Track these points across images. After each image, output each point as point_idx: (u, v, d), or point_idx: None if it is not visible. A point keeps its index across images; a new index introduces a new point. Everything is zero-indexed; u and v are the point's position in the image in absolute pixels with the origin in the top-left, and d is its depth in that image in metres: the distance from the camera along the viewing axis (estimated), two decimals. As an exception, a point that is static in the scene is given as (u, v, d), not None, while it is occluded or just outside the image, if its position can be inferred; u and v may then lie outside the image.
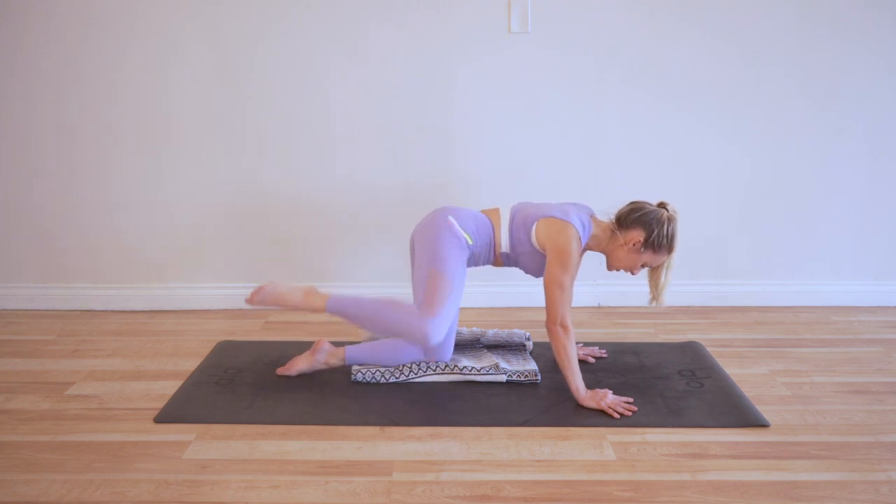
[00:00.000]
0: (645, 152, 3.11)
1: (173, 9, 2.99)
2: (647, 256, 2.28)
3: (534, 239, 2.32)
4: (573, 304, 2.80)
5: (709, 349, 2.68)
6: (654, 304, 2.33)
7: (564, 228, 2.26)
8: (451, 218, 2.34)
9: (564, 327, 2.22)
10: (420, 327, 2.19)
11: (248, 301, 2.30)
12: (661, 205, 2.29)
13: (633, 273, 2.34)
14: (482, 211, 2.46)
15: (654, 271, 2.32)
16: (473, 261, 2.39)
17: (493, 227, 2.39)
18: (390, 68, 3.04)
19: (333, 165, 3.12)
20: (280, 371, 2.45)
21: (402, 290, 3.14)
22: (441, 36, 3.01)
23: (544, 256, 2.32)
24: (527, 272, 2.43)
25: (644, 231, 2.24)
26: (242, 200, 3.14)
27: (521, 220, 2.36)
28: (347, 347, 2.45)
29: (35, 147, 3.09)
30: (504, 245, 2.39)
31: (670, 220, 2.24)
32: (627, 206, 2.32)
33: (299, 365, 2.42)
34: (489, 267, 2.54)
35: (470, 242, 2.33)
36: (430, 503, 1.74)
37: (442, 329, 2.21)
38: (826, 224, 3.19)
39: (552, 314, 2.22)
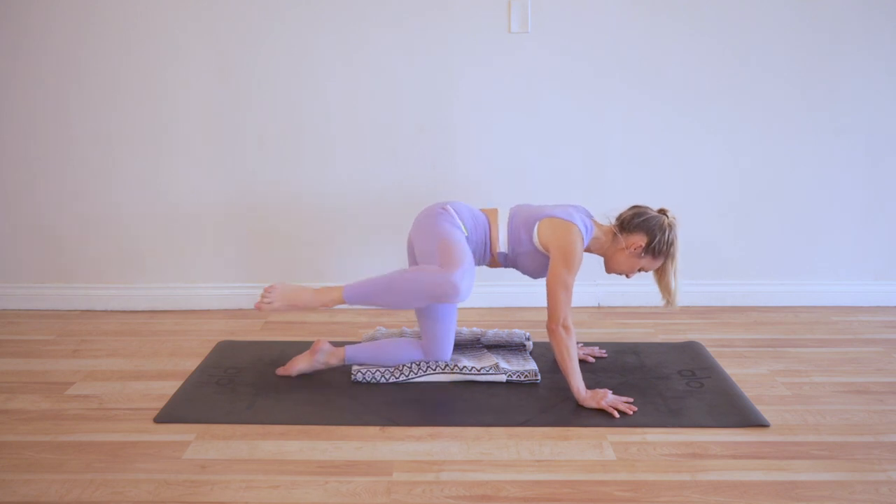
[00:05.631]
0: (645, 152, 3.11)
1: (173, 9, 2.99)
2: (646, 261, 2.30)
3: (536, 239, 2.31)
4: (573, 304, 2.80)
5: (709, 349, 2.68)
6: (668, 307, 2.33)
7: (569, 228, 2.26)
8: (448, 206, 2.37)
9: (566, 328, 2.22)
10: (448, 279, 2.11)
11: (258, 307, 2.22)
12: (662, 211, 2.31)
13: (628, 276, 2.36)
14: (482, 209, 2.46)
15: (662, 278, 2.32)
16: None
17: (490, 224, 2.39)
18: (390, 68, 3.04)
19: (333, 165, 3.12)
20: (280, 371, 2.45)
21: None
22: (441, 36, 3.01)
23: (545, 257, 2.32)
24: (525, 273, 2.43)
25: (646, 236, 2.26)
26: (242, 200, 3.14)
27: (522, 220, 2.36)
28: (347, 347, 2.44)
29: (35, 147, 3.09)
30: (502, 245, 2.38)
31: (671, 226, 2.26)
32: (630, 210, 2.33)
33: (299, 365, 2.42)
34: (488, 267, 2.53)
35: (465, 233, 2.33)
36: (430, 503, 1.74)
37: (468, 280, 2.14)
38: (826, 224, 3.19)
39: (555, 315, 2.22)
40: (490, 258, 2.43)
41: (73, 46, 3.01)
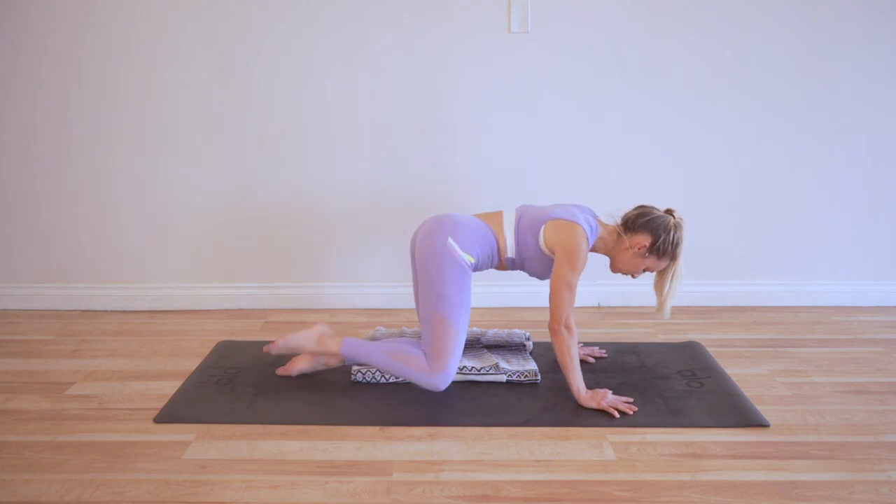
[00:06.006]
0: (645, 152, 3.11)
1: (173, 9, 2.99)
2: (651, 261, 2.29)
3: (541, 242, 2.29)
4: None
5: (709, 349, 2.68)
6: (657, 313, 2.33)
7: (574, 229, 2.25)
8: (451, 241, 2.24)
9: (569, 328, 2.21)
10: (430, 382, 2.22)
11: (266, 351, 2.39)
12: (669, 211, 2.30)
13: (633, 276, 2.35)
14: (484, 215, 2.41)
15: (660, 278, 2.32)
16: (475, 270, 2.37)
17: (496, 235, 2.34)
18: (390, 68, 3.04)
19: (333, 165, 3.12)
20: (280, 371, 2.45)
21: (401, 290, 3.15)
22: (441, 36, 3.01)
23: (551, 259, 2.30)
24: (532, 275, 2.40)
25: (650, 236, 2.25)
26: (242, 200, 3.14)
27: (528, 224, 2.33)
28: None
29: (35, 147, 3.09)
30: (510, 251, 2.36)
31: (676, 227, 2.25)
32: (635, 209, 2.32)
33: (299, 365, 2.42)
34: (496, 270, 2.51)
35: (472, 262, 2.28)
36: (430, 503, 1.74)
37: (450, 378, 2.23)
38: (826, 224, 3.19)
39: (557, 315, 2.21)
40: (499, 262, 2.41)
41: (73, 46, 3.01)
